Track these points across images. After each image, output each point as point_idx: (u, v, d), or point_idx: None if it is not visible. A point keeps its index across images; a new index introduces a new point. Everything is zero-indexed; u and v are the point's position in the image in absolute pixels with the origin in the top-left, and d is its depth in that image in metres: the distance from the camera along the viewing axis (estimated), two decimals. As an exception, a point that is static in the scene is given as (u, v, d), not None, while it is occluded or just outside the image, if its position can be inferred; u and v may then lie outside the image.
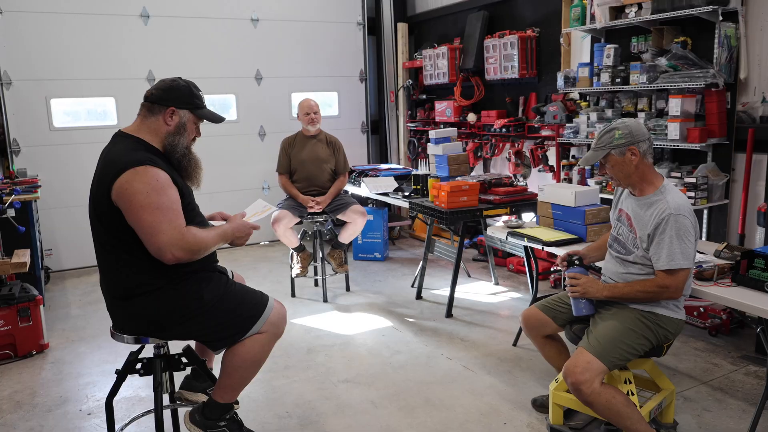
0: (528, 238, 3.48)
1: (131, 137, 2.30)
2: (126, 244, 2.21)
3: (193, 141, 2.42)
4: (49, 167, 5.65)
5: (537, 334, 2.83)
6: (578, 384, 2.32)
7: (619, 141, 2.45)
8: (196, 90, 2.40)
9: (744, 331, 3.85)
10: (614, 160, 2.48)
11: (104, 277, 2.34)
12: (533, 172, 5.39)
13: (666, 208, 2.38)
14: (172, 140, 2.34)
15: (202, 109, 2.40)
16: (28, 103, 5.56)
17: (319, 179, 4.91)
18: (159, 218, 2.11)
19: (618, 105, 4.42)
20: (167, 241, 2.11)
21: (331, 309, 4.62)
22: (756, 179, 3.81)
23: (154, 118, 2.32)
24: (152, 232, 2.11)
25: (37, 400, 3.29)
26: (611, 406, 2.32)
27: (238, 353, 2.37)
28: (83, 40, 5.70)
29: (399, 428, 2.90)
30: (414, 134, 7.01)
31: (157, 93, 2.33)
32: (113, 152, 2.25)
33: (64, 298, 5.07)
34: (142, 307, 2.27)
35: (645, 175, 2.50)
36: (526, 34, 5.24)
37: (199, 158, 2.45)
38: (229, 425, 2.46)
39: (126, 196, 2.11)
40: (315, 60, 6.83)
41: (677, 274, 2.37)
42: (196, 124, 2.40)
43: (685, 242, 2.36)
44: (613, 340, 2.39)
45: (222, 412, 2.44)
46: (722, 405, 3.02)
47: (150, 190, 2.12)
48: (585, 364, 2.34)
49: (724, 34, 3.72)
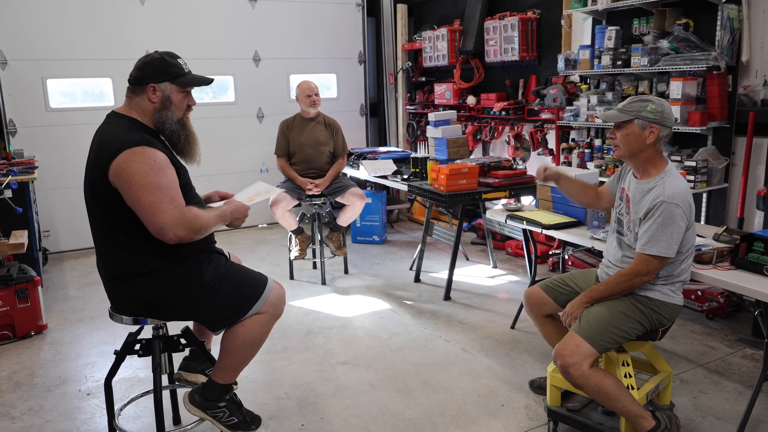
0: (527, 221, 3.47)
1: (125, 117, 2.28)
2: (124, 225, 2.20)
3: (187, 112, 2.37)
4: (46, 148, 5.62)
5: (538, 313, 2.84)
6: (567, 366, 2.33)
7: (648, 114, 2.39)
8: (173, 59, 2.31)
9: (741, 315, 3.87)
10: (633, 129, 2.42)
11: (102, 259, 2.33)
12: (533, 156, 5.37)
13: (660, 194, 2.35)
14: (159, 116, 2.29)
15: (183, 77, 2.31)
16: (24, 84, 5.51)
17: (317, 162, 4.89)
18: (159, 198, 2.09)
19: (619, 88, 4.39)
20: (168, 220, 2.09)
21: (329, 291, 4.63)
22: (756, 163, 3.80)
23: (138, 98, 2.28)
24: (153, 212, 2.09)
25: (36, 380, 3.30)
26: (600, 389, 2.32)
27: (238, 334, 2.37)
28: (80, 20, 5.64)
29: (397, 410, 2.92)
30: (413, 117, 6.97)
31: (135, 73, 2.28)
32: (108, 132, 2.23)
33: (62, 279, 5.07)
34: (141, 288, 2.26)
35: (651, 159, 2.46)
36: (526, 16, 5.19)
37: (194, 132, 2.40)
38: (228, 406, 2.47)
39: (124, 176, 2.09)
40: (314, 41, 6.77)
41: (653, 261, 2.35)
42: (183, 94, 2.32)
43: (671, 231, 2.32)
44: (604, 324, 2.38)
45: (222, 392, 2.45)
46: (718, 387, 3.04)
47: (149, 170, 2.10)
48: (574, 347, 2.34)
49: (727, 16, 3.68)
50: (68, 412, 2.97)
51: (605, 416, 2.53)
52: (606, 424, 2.47)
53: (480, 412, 2.87)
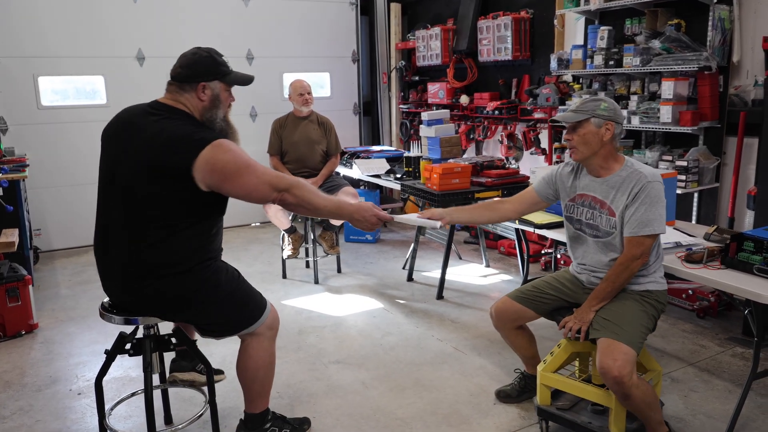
0: (519, 220, 3.48)
1: (183, 113, 2.23)
2: (172, 225, 2.16)
3: (229, 108, 2.38)
4: (37, 146, 5.59)
5: (510, 327, 2.77)
6: (621, 378, 2.17)
7: (603, 112, 2.45)
8: (219, 56, 2.31)
9: (731, 314, 3.89)
10: (589, 128, 2.45)
11: (122, 257, 2.20)
12: (525, 155, 5.38)
13: (642, 177, 2.41)
14: (209, 115, 2.29)
15: (230, 75, 2.33)
16: (15, 81, 5.48)
17: (310, 161, 4.88)
18: (255, 174, 2.18)
19: (611, 88, 4.40)
20: (268, 187, 2.19)
21: (322, 291, 4.62)
22: (747, 163, 3.82)
23: (187, 95, 2.25)
24: (255, 187, 2.18)
25: (26, 379, 3.29)
26: (646, 397, 2.24)
27: (248, 367, 2.42)
28: (72, 17, 5.60)
29: (389, 409, 2.92)
30: (406, 116, 6.97)
31: (183, 71, 2.25)
32: (175, 126, 2.16)
33: (53, 278, 5.04)
34: (164, 287, 2.20)
35: (610, 155, 2.50)
36: (519, 16, 5.20)
37: (236, 129, 2.42)
38: (274, 424, 2.55)
39: (217, 171, 2.10)
40: (307, 40, 6.76)
41: (646, 241, 2.38)
42: (228, 91, 2.34)
43: (659, 209, 2.38)
44: (633, 324, 2.34)
45: (263, 420, 2.51)
46: (709, 386, 3.05)
47: (235, 157, 2.14)
48: (623, 356, 2.20)
49: (718, 16, 3.70)
50: (59, 412, 2.95)
51: (594, 415, 2.53)
52: (595, 422, 2.48)
53: (472, 411, 2.88)
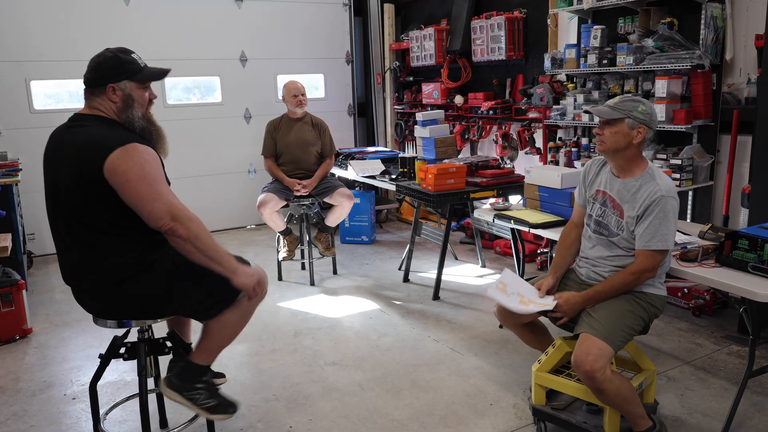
0: (514, 220, 3.48)
1: (99, 117, 2.24)
2: (117, 225, 2.17)
3: (149, 106, 2.34)
4: (30, 150, 5.53)
5: (515, 323, 2.77)
6: (593, 372, 2.22)
7: (639, 115, 2.44)
8: (126, 54, 2.26)
9: (727, 312, 3.89)
10: (622, 128, 2.45)
11: (87, 269, 2.23)
12: (520, 155, 5.38)
13: (658, 190, 2.40)
14: (125, 116, 2.25)
15: (141, 72, 2.27)
16: (7, 85, 5.45)
17: (305, 162, 4.87)
18: (157, 189, 2.10)
19: (605, 87, 4.41)
20: (165, 208, 2.09)
21: (318, 292, 4.61)
22: (740, 161, 3.83)
23: (99, 99, 2.24)
24: (150, 200, 2.08)
25: (20, 385, 3.27)
26: (620, 392, 2.28)
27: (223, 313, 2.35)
28: (64, 20, 5.58)
29: (386, 410, 2.91)
30: (401, 117, 6.97)
31: (90, 75, 2.24)
32: (89, 133, 2.18)
33: (47, 282, 5.02)
34: (139, 287, 2.21)
35: (634, 157, 2.50)
36: (513, 15, 5.21)
37: (161, 126, 2.38)
38: (206, 388, 2.44)
39: (120, 173, 2.07)
40: (301, 41, 6.75)
41: (657, 256, 2.39)
42: (143, 89, 2.29)
43: (670, 224, 2.38)
44: (615, 322, 2.36)
45: (199, 374, 2.41)
46: (705, 384, 3.06)
47: (143, 163, 2.10)
48: (597, 350, 2.25)
49: (711, 14, 3.71)
50: (53, 417, 2.94)
51: (589, 415, 2.53)
52: (590, 422, 2.47)
53: (469, 412, 2.88)
